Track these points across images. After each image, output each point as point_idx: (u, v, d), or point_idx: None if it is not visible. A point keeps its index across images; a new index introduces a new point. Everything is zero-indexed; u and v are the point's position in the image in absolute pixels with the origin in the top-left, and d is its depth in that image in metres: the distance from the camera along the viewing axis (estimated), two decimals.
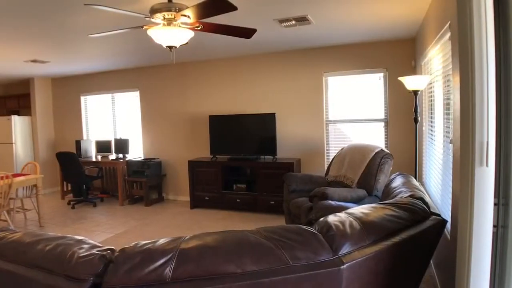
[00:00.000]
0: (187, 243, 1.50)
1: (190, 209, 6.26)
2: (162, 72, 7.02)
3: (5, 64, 6.21)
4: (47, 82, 8.43)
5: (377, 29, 4.60)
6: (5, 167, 7.99)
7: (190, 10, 2.74)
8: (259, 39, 4.95)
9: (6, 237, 1.74)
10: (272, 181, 5.57)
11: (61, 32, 4.20)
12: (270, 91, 6.07)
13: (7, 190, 5.03)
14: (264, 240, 1.59)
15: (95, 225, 5.63)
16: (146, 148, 7.33)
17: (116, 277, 1.36)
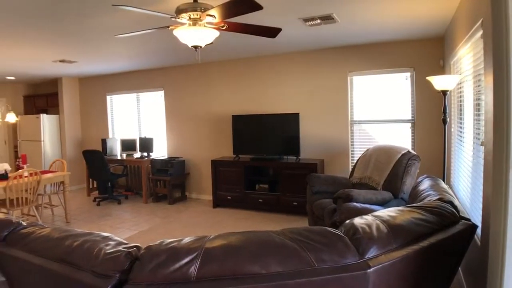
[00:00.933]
0: (211, 242, 1.50)
1: (213, 208, 6.29)
2: (186, 72, 7.09)
3: (35, 64, 6.39)
4: (75, 82, 8.64)
5: (405, 28, 4.51)
6: (34, 164, 8.24)
7: (216, 10, 2.75)
8: (283, 38, 4.93)
9: (36, 232, 1.78)
10: (295, 181, 5.53)
11: (89, 33, 4.29)
12: (294, 91, 6.04)
13: (35, 186, 5.17)
14: (289, 241, 1.57)
15: (119, 222, 5.73)
16: (170, 147, 7.42)
17: (142, 275, 1.37)
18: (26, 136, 8.54)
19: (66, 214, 5.83)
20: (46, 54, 5.51)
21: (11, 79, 8.37)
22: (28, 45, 4.77)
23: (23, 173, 5.00)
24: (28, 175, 5.04)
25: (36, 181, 5.16)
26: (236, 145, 6.24)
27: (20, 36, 4.27)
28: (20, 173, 4.96)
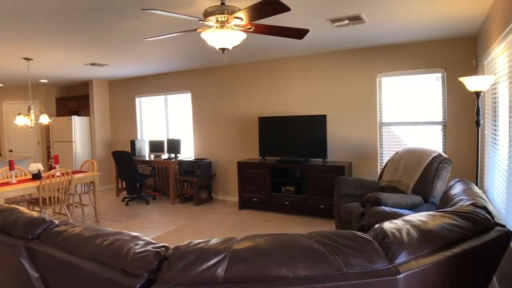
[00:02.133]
0: (239, 244, 1.49)
1: (239, 209, 6.31)
2: (213, 74, 7.15)
3: (67, 68, 6.59)
4: (105, 84, 8.86)
5: (436, 27, 4.40)
6: (66, 164, 8.50)
7: (243, 12, 2.76)
8: (310, 40, 4.90)
9: (68, 230, 1.83)
10: (322, 184, 5.47)
11: (119, 37, 4.39)
12: (321, 92, 5.98)
13: (67, 186, 5.32)
14: (317, 244, 1.55)
15: (147, 222, 5.82)
16: (197, 148, 7.49)
17: (170, 274, 1.38)
18: (58, 137, 8.82)
19: (96, 213, 5.98)
20: (77, 58, 5.68)
21: (44, 82, 8.67)
22: (60, 49, 4.93)
23: (56, 173, 5.16)
24: (60, 175, 5.19)
25: (67, 181, 5.31)
26: (262, 147, 6.24)
27: (53, 40, 4.42)
28: (53, 173, 5.12)
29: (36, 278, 1.94)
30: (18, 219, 2.04)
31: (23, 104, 9.41)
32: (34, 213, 2.11)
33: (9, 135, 9.56)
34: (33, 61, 5.74)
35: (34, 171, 5.50)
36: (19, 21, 3.59)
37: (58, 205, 5.27)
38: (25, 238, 1.94)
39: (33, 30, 3.93)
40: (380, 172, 4.70)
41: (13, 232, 2.01)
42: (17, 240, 1.95)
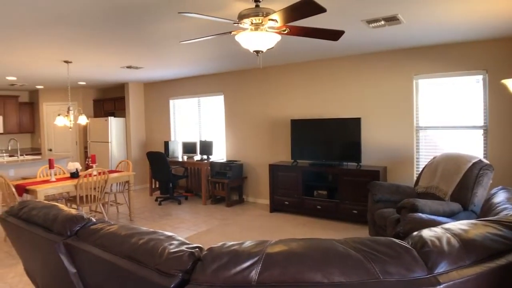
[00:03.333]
0: (273, 247, 1.47)
1: (270, 212, 6.29)
2: (245, 77, 7.18)
3: (105, 70, 6.80)
4: (140, 87, 9.08)
5: (476, 27, 4.22)
6: (102, 164, 8.76)
7: (278, 14, 2.75)
8: (344, 41, 4.83)
9: (105, 228, 1.87)
10: (356, 189, 5.37)
11: (155, 40, 4.48)
12: (355, 95, 5.88)
13: (103, 185, 5.47)
14: (353, 251, 1.51)
15: (179, 222, 5.90)
16: (228, 150, 7.54)
17: (204, 275, 1.38)
18: (95, 137, 9.10)
19: (130, 212, 6.12)
20: (114, 61, 5.84)
21: (83, 84, 8.98)
22: (98, 52, 5.08)
23: (92, 172, 5.32)
24: (96, 174, 5.35)
25: (104, 180, 5.46)
26: (294, 149, 6.19)
27: (92, 44, 4.56)
28: (90, 172, 5.28)
29: (74, 274, 1.99)
30: (57, 216, 2.11)
31: (63, 105, 9.80)
32: (73, 210, 2.17)
33: (49, 135, 9.96)
34: (72, 64, 5.95)
35: (72, 170, 5.69)
36: (60, 26, 3.72)
37: (94, 203, 5.43)
38: (64, 234, 2.00)
39: (73, 34, 4.08)
40: (417, 177, 4.56)
41: (53, 228, 2.08)
42: (57, 236, 2.01)
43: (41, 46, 4.61)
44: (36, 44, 4.46)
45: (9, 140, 8.13)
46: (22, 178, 6.77)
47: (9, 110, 9.65)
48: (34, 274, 2.57)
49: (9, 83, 8.17)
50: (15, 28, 3.73)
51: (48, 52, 4.94)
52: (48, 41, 4.34)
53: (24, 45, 4.51)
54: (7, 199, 5.09)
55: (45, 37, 4.15)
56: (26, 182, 5.35)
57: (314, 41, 4.74)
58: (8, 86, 8.76)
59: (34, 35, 4.05)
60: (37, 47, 4.65)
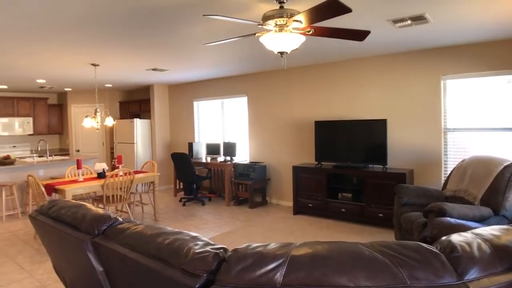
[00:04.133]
0: (298, 250, 1.46)
1: (293, 214, 6.25)
2: (269, 78, 7.17)
3: (130, 73, 6.93)
4: (165, 89, 9.21)
5: (508, 26, 4.09)
6: (128, 164, 8.93)
7: (303, 15, 2.73)
8: (369, 41, 4.76)
9: (131, 228, 1.89)
10: (381, 192, 5.27)
11: (179, 42, 4.53)
12: (381, 96, 5.78)
13: (129, 185, 5.57)
14: (379, 255, 1.48)
15: (203, 222, 5.94)
16: (252, 151, 7.55)
17: (229, 276, 1.38)
18: (121, 138, 9.28)
19: (155, 212, 6.20)
20: (140, 64, 5.94)
21: (109, 87, 9.18)
22: (124, 55, 5.18)
23: (119, 172, 5.42)
24: (122, 175, 5.45)
25: (129, 180, 5.55)
26: (318, 151, 6.14)
27: (118, 47, 4.65)
28: (116, 172, 5.39)
29: (101, 272, 2.03)
30: (86, 215, 2.15)
31: (90, 107, 10.04)
32: (100, 210, 2.21)
33: (77, 136, 10.22)
34: (100, 67, 6.09)
35: (99, 170, 5.81)
36: (88, 30, 3.81)
37: (120, 203, 5.53)
38: (92, 233, 2.04)
39: (101, 38, 4.17)
40: (444, 180, 4.45)
41: (81, 227, 2.12)
42: (85, 234, 2.06)
43: (70, 50, 4.73)
44: (64, 47, 4.59)
45: (39, 141, 8.38)
46: (51, 178, 6.97)
47: (38, 112, 9.96)
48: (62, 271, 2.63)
49: (39, 85, 8.43)
50: (44, 32, 3.85)
51: (76, 55, 5.07)
52: (76, 44, 4.46)
53: (53, 49, 4.64)
54: (37, 198, 5.24)
55: (73, 40, 4.26)
56: (55, 182, 5.50)
57: (339, 41, 4.70)
58: (38, 88, 9.05)
59: (63, 39, 4.17)
60: (66, 51, 4.78)
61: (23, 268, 4.24)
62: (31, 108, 9.80)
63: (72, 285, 2.56)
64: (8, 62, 5.36)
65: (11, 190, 6.79)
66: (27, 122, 9.69)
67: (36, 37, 4.05)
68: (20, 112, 9.59)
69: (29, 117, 9.74)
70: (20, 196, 6.96)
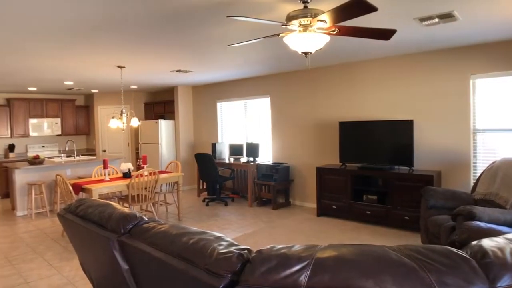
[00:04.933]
0: (323, 252, 1.44)
1: (317, 216, 6.20)
2: (292, 79, 7.14)
3: (155, 75, 7.03)
4: (188, 90, 9.30)
5: None
6: (152, 164, 9.06)
7: (327, 15, 2.70)
8: (395, 40, 4.67)
9: (156, 227, 1.91)
10: (408, 194, 5.16)
11: (204, 44, 4.56)
12: (406, 96, 5.66)
13: (154, 185, 5.65)
14: (406, 259, 1.44)
15: (226, 223, 5.96)
16: (275, 152, 7.53)
17: (253, 277, 1.37)
18: (146, 139, 9.43)
19: (179, 212, 6.26)
20: (165, 65, 6.02)
21: (134, 88, 9.34)
22: (150, 57, 5.26)
23: (144, 172, 5.50)
24: (147, 175, 5.53)
25: (154, 180, 5.63)
26: (342, 152, 6.06)
27: (143, 49, 4.71)
28: (141, 172, 5.47)
29: (126, 270, 2.06)
30: (112, 214, 2.19)
31: (116, 108, 10.25)
32: (126, 209, 2.24)
33: (103, 136, 10.45)
34: (125, 69, 6.21)
35: (125, 170, 5.92)
36: (114, 33, 3.89)
37: (145, 203, 5.61)
38: (118, 232, 2.07)
39: (126, 40, 4.24)
40: (474, 183, 4.31)
41: (107, 226, 2.16)
42: (111, 233, 2.09)
43: (97, 52, 4.84)
44: (92, 50, 4.69)
45: (67, 141, 8.60)
46: (78, 177, 7.15)
47: (66, 113, 10.23)
48: (89, 269, 2.68)
49: (67, 87, 8.66)
50: (73, 36, 3.94)
51: (103, 57, 5.18)
52: (103, 47, 4.55)
53: (81, 52, 4.75)
54: (65, 197, 5.38)
55: (100, 43, 4.35)
56: (82, 181, 5.63)
57: (364, 40, 4.63)
58: (66, 90, 9.30)
59: (90, 42, 4.26)
60: (93, 53, 4.89)
61: (51, 264, 4.35)
62: (59, 110, 10.08)
63: (98, 283, 2.61)
64: (38, 65, 5.53)
65: (40, 189, 7.00)
66: (56, 123, 9.97)
67: (65, 41, 4.16)
68: (49, 113, 9.87)
69: (58, 118, 10.02)
70: (48, 194, 7.16)
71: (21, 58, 5.06)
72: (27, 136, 9.50)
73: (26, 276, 4.05)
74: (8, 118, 9.16)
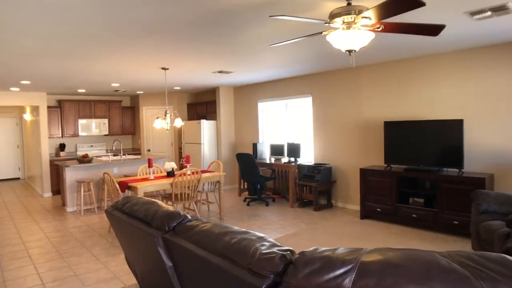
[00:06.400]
0: (368, 256, 1.39)
1: (360, 219, 6.05)
2: (335, 77, 7.02)
3: (198, 76, 7.15)
4: (230, 90, 9.39)
5: None
6: (195, 164, 9.23)
7: (372, 11, 2.62)
8: (444, 36, 4.47)
9: (200, 225, 1.93)
10: (457, 197, 4.91)
11: (245, 44, 4.58)
12: (455, 94, 5.40)
13: (196, 184, 5.74)
14: (458, 266, 1.36)
15: (267, 223, 5.96)
16: (317, 153, 7.44)
17: (296, 279, 1.35)
18: (188, 139, 9.62)
19: (220, 211, 6.33)
20: (207, 66, 6.11)
21: (178, 89, 9.56)
22: (192, 59, 5.34)
23: (187, 171, 5.61)
24: (190, 174, 5.63)
25: (196, 179, 5.73)
26: (388, 153, 5.88)
27: (187, 51, 4.79)
28: (184, 171, 5.58)
29: (170, 267, 2.10)
30: (157, 212, 2.24)
31: (160, 109, 10.53)
32: (170, 207, 2.29)
33: (148, 136, 10.77)
34: (169, 71, 6.36)
35: (169, 169, 6.06)
36: (159, 36, 3.99)
37: (188, 201, 5.71)
38: (162, 229, 2.12)
39: (170, 43, 4.34)
40: None
41: (152, 223, 2.21)
42: (156, 230, 2.14)
43: (142, 55, 4.98)
44: (137, 53, 4.84)
45: (114, 141, 8.94)
46: (124, 176, 7.40)
47: (113, 114, 10.65)
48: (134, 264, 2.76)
49: (114, 89, 9.00)
50: (119, 40, 4.08)
51: (148, 60, 5.33)
52: (147, 50, 4.68)
53: (127, 55, 4.92)
54: (112, 194, 5.59)
55: (145, 46, 4.48)
56: (128, 180, 5.83)
57: (410, 37, 4.47)
58: (113, 92, 9.68)
59: (136, 45, 4.40)
60: (138, 56, 5.04)
61: (98, 259, 4.53)
62: (106, 110, 10.51)
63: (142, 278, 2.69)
64: (87, 67, 5.78)
65: (88, 186, 7.32)
66: (103, 123, 10.41)
67: (112, 45, 4.31)
68: (97, 114, 10.32)
69: (105, 119, 10.45)
70: (96, 192, 7.47)
71: (75, 62, 5.31)
72: (76, 136, 9.98)
73: (75, 269, 4.24)
74: (59, 119, 9.66)
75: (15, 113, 11.85)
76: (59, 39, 4.02)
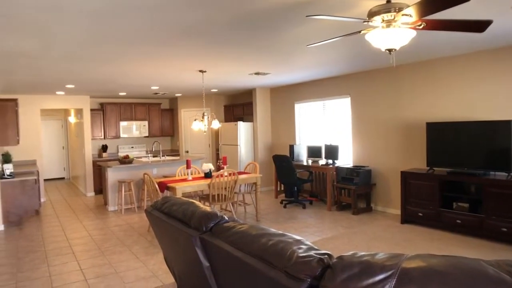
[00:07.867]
0: (409, 262, 1.34)
1: (400, 223, 5.86)
2: (374, 77, 6.85)
3: (234, 78, 7.20)
4: (266, 92, 9.39)
5: None
6: (231, 165, 9.30)
7: (412, 8, 2.54)
8: (491, 32, 4.26)
9: (236, 227, 1.94)
10: (505, 203, 4.65)
11: (282, 45, 4.56)
12: (504, 94, 5.12)
13: (233, 185, 5.78)
14: (508, 276, 1.28)
15: (304, 226, 5.90)
16: (355, 155, 7.29)
17: (333, 284, 1.32)
18: (225, 140, 9.72)
19: (257, 212, 6.34)
20: (243, 68, 6.14)
21: (215, 91, 9.68)
22: (229, 61, 5.39)
23: (224, 173, 5.65)
24: (227, 175, 5.68)
25: (233, 181, 5.76)
26: (430, 156, 5.66)
27: (224, 54, 4.84)
28: (221, 172, 5.63)
29: (207, 267, 2.11)
30: (195, 212, 2.27)
31: (198, 111, 10.71)
32: (208, 208, 2.31)
33: (186, 138, 10.99)
34: (207, 73, 6.45)
35: (206, 170, 6.14)
36: (196, 39, 4.05)
37: (225, 202, 5.77)
38: (200, 229, 2.14)
39: (208, 46, 4.39)
40: None
41: (190, 223, 2.24)
42: (194, 230, 2.17)
43: (180, 58, 5.08)
44: (175, 56, 4.94)
45: (153, 142, 9.17)
46: (164, 176, 7.57)
47: (153, 116, 10.95)
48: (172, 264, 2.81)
49: (153, 92, 9.25)
50: (158, 43, 4.18)
51: (186, 63, 5.43)
52: (186, 53, 4.77)
53: (165, 58, 5.03)
54: (151, 194, 5.73)
55: (183, 50, 4.56)
56: (167, 180, 5.96)
57: (452, 34, 4.29)
58: (152, 95, 9.95)
59: (174, 48, 4.49)
60: (177, 59, 5.14)
61: (138, 257, 4.65)
62: (146, 113, 10.81)
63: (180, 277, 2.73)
64: (128, 71, 5.96)
65: (129, 186, 7.54)
66: (143, 125, 10.72)
67: (151, 49, 4.43)
68: (137, 116, 10.65)
69: (145, 121, 10.76)
70: (136, 192, 7.70)
71: (117, 66, 5.50)
72: (118, 137, 10.34)
73: (116, 266, 4.38)
74: (101, 121, 10.04)
75: (60, 116, 12.43)
76: (101, 44, 4.17)
